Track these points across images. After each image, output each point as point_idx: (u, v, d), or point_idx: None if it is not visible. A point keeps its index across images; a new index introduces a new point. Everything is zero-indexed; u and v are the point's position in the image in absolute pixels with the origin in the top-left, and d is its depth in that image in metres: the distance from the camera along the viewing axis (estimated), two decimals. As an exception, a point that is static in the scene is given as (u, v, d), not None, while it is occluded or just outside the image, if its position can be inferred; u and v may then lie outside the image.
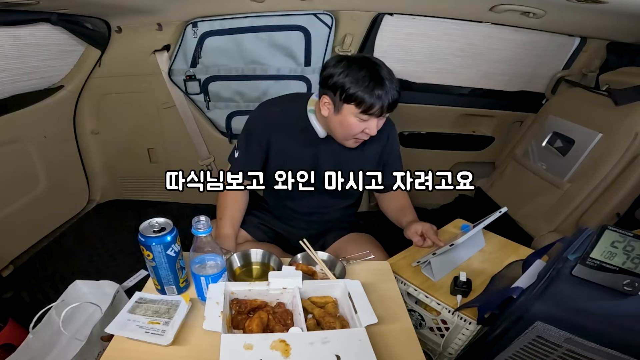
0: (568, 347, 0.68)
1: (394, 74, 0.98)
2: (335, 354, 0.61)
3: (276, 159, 1.15)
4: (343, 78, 0.95)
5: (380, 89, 0.93)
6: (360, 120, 0.98)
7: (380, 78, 0.93)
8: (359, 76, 0.93)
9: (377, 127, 1.01)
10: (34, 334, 1.05)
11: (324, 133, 1.10)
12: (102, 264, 1.73)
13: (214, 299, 0.69)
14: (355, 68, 0.94)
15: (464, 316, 0.88)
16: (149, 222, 0.78)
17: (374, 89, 0.93)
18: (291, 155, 1.14)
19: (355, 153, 1.14)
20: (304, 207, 1.26)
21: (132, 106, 1.97)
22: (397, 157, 1.24)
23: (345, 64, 0.96)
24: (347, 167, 1.15)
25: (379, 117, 0.99)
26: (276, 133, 1.12)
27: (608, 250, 0.70)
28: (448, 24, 1.67)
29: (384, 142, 1.18)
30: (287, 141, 1.12)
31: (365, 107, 0.95)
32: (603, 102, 1.50)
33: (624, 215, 1.39)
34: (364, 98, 0.93)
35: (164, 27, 1.72)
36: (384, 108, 0.95)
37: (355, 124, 0.98)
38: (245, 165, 1.16)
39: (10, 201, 1.64)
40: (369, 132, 1.00)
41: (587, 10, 1.33)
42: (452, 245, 0.92)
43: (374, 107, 0.94)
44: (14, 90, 1.56)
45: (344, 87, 0.95)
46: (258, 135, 1.13)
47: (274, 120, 1.12)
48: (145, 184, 2.22)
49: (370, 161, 1.18)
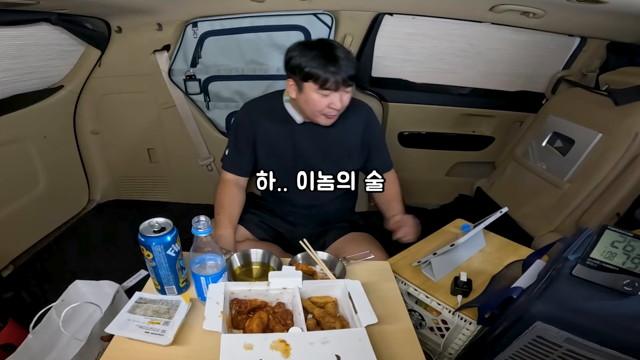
0: (568, 347, 0.68)
1: (351, 54, 1.08)
2: (335, 354, 0.61)
3: (263, 152, 1.22)
4: (299, 59, 1.05)
5: (333, 65, 1.02)
6: (321, 96, 1.06)
7: (333, 55, 1.03)
8: (312, 55, 1.04)
9: (342, 101, 1.08)
10: (34, 334, 1.05)
11: (300, 119, 1.18)
12: (102, 264, 1.72)
13: (214, 299, 0.69)
14: (309, 49, 1.05)
15: (464, 316, 0.88)
16: (149, 222, 0.78)
17: (327, 65, 1.02)
18: (276, 146, 1.21)
19: (337, 138, 1.20)
20: (300, 200, 1.28)
21: (132, 106, 1.97)
22: (381, 141, 1.30)
23: (301, 47, 1.07)
24: (331, 152, 1.21)
25: (339, 91, 1.06)
26: (260, 127, 1.21)
27: (608, 250, 0.70)
28: (448, 24, 1.67)
29: (363, 125, 1.23)
30: (270, 133, 1.21)
31: (322, 82, 1.03)
32: (603, 102, 1.50)
33: (624, 215, 1.38)
34: (318, 74, 1.02)
35: (164, 27, 1.72)
36: (339, 82, 1.03)
37: (317, 99, 1.06)
38: (236, 162, 1.25)
39: (10, 201, 1.64)
40: (334, 107, 1.08)
41: (587, 10, 1.33)
42: (452, 246, 0.92)
43: (328, 81, 1.03)
44: (14, 90, 1.56)
45: (300, 67, 1.05)
46: (244, 132, 1.22)
47: (257, 115, 1.22)
48: (145, 184, 2.22)
49: (353, 145, 1.23)
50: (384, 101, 1.90)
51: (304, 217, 1.31)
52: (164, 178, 2.19)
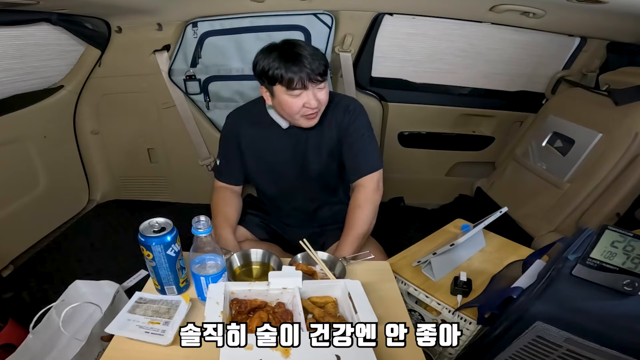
0: (568, 347, 0.68)
1: (317, 50, 1.04)
2: (335, 354, 0.61)
3: (251, 159, 1.21)
4: (262, 63, 1.02)
5: (294, 64, 0.98)
6: (293, 97, 1.02)
7: (293, 54, 0.99)
8: (273, 57, 1.00)
9: (316, 97, 1.03)
10: (34, 334, 1.05)
11: (286, 124, 1.14)
12: (102, 264, 1.72)
13: (214, 299, 0.69)
14: (268, 52, 1.02)
15: (464, 316, 0.88)
16: (149, 222, 0.78)
17: (288, 65, 0.98)
18: (263, 152, 1.19)
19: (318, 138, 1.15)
20: (293, 205, 1.28)
21: (132, 106, 1.97)
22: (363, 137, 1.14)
23: (264, 51, 1.04)
24: (315, 154, 1.17)
25: (309, 89, 1.02)
26: (245, 136, 1.19)
27: (608, 250, 0.70)
28: (448, 24, 1.67)
29: (340, 119, 1.14)
30: (256, 139, 1.19)
31: (287, 83, 1.00)
32: (603, 102, 1.50)
33: (624, 215, 1.39)
34: (281, 75, 0.99)
35: (164, 27, 1.72)
36: (305, 79, 0.99)
37: (290, 101, 1.03)
38: (227, 171, 1.24)
39: (10, 201, 1.64)
40: (309, 106, 1.03)
41: (587, 10, 1.33)
42: (452, 245, 0.92)
43: (293, 80, 0.99)
44: (14, 90, 1.56)
45: (264, 71, 1.02)
46: (231, 140, 1.21)
47: (241, 124, 1.20)
48: (145, 184, 2.22)
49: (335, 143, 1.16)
50: (384, 101, 1.90)
51: (299, 221, 1.31)
52: (164, 178, 2.19)
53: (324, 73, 1.03)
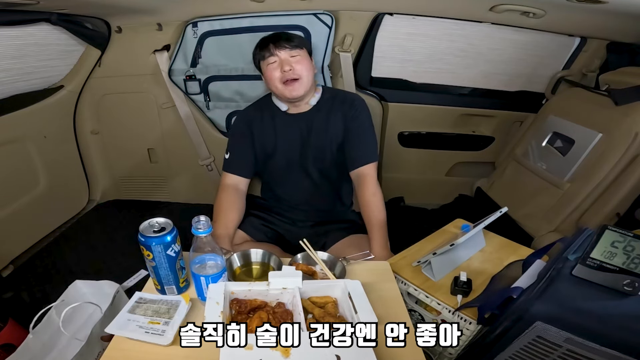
0: (568, 347, 0.68)
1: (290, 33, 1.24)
2: (335, 354, 0.61)
3: (259, 148, 1.31)
4: (254, 53, 1.27)
5: (266, 38, 1.22)
6: (272, 67, 1.20)
7: (269, 35, 1.22)
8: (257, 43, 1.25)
9: (289, 63, 1.18)
10: (34, 334, 1.05)
11: (285, 106, 1.29)
12: (102, 264, 1.72)
13: (214, 299, 0.69)
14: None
15: (464, 316, 0.88)
16: (149, 222, 0.78)
17: (262, 41, 1.23)
18: (268, 138, 1.30)
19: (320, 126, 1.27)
20: (297, 195, 1.31)
21: (132, 106, 1.97)
22: (366, 131, 1.27)
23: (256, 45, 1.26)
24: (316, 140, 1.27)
25: (280, 54, 1.18)
26: (255, 124, 1.31)
27: (608, 250, 0.70)
28: (448, 24, 1.67)
29: (346, 112, 1.27)
30: (262, 126, 1.31)
31: (262, 54, 1.21)
32: (603, 102, 1.50)
33: (624, 215, 1.38)
34: (257, 50, 1.24)
35: (164, 27, 1.72)
36: (272, 48, 1.18)
37: (270, 70, 1.20)
38: (237, 162, 1.30)
39: (10, 201, 1.64)
40: (285, 69, 1.18)
41: (587, 10, 1.33)
42: (452, 245, 0.92)
43: (265, 48, 1.20)
44: (14, 90, 1.56)
45: (254, 58, 1.27)
46: (241, 132, 1.32)
47: (252, 114, 1.34)
48: (145, 184, 2.22)
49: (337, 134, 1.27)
50: (384, 101, 1.90)
51: (303, 212, 1.31)
52: (164, 178, 2.19)
53: (289, 40, 1.19)
